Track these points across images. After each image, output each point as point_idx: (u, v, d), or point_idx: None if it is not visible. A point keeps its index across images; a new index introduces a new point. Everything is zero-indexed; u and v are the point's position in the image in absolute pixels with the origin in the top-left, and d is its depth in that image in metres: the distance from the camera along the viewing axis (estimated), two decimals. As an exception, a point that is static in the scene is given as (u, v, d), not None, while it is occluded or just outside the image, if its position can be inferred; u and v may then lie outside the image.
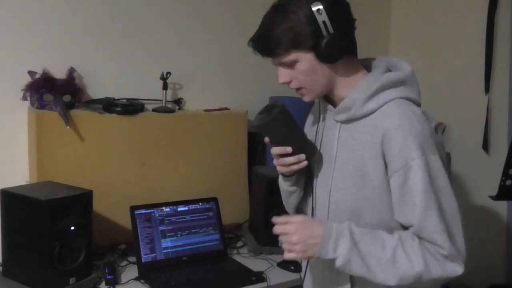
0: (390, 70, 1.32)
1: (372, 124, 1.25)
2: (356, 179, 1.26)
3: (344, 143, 1.31)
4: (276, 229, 1.24)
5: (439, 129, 1.32)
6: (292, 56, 1.24)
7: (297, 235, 1.21)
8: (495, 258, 2.63)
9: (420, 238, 1.21)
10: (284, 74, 1.29)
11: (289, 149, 1.29)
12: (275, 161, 1.35)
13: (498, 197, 2.03)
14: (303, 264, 1.51)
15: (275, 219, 1.25)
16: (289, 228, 1.22)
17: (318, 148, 1.39)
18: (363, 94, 1.25)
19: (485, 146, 2.62)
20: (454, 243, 1.19)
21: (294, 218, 1.24)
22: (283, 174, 1.41)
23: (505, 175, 1.99)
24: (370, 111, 1.25)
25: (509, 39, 2.54)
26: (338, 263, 1.20)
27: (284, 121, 1.29)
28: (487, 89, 2.61)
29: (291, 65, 1.26)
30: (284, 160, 1.32)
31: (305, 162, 1.31)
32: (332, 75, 1.28)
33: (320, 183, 1.37)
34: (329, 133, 1.36)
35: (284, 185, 1.47)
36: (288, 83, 1.30)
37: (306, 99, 1.32)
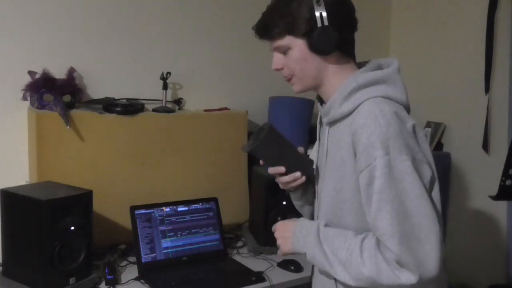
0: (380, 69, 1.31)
1: (348, 124, 1.24)
2: (336, 181, 1.28)
3: (331, 146, 1.32)
4: (272, 228, 1.41)
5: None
6: (286, 40, 1.27)
7: (276, 232, 1.38)
8: (495, 258, 2.63)
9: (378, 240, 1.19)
10: (277, 60, 1.32)
11: (282, 169, 1.34)
12: (276, 179, 1.40)
13: (498, 197, 2.03)
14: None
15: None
16: (276, 226, 1.39)
17: (317, 152, 1.41)
18: (340, 94, 1.26)
19: (485, 146, 2.62)
20: (411, 250, 1.14)
21: (287, 220, 1.40)
22: (288, 190, 1.46)
23: (505, 175, 1.99)
24: (347, 111, 1.25)
25: (509, 39, 2.54)
26: (307, 257, 1.29)
27: (272, 143, 1.32)
28: (487, 89, 2.61)
29: (285, 51, 1.29)
30: (280, 179, 1.37)
31: (302, 179, 1.35)
32: (321, 68, 1.29)
33: (319, 187, 1.39)
34: (322, 136, 1.39)
35: (292, 200, 1.52)
36: (280, 70, 1.33)
37: (296, 88, 1.34)
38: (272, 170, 1.36)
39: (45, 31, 2.14)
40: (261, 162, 1.37)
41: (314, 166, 1.40)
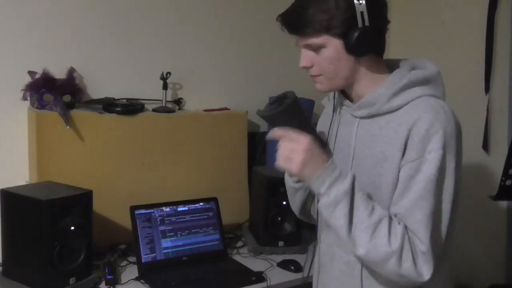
0: (414, 69, 1.29)
1: (397, 120, 1.20)
2: (375, 177, 1.22)
3: (362, 140, 1.27)
4: (282, 132, 1.20)
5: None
6: (321, 39, 1.19)
7: (303, 145, 1.17)
8: (495, 258, 2.63)
9: (405, 226, 1.16)
10: (306, 58, 1.24)
11: (289, 129, 1.23)
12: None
13: (498, 197, 2.03)
14: (315, 269, 1.47)
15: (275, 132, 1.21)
16: (298, 137, 1.18)
17: (333, 145, 1.36)
18: (389, 89, 1.22)
19: (485, 146, 2.62)
20: (433, 248, 1.14)
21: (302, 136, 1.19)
22: None
23: (505, 175, 1.98)
24: (395, 107, 1.22)
25: (509, 39, 2.54)
26: (326, 201, 1.16)
27: (295, 113, 1.24)
28: (487, 89, 2.60)
29: (317, 49, 1.22)
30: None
31: None
32: (355, 69, 1.24)
33: None
34: (344, 130, 1.33)
35: (289, 181, 1.45)
36: (309, 68, 1.25)
37: (322, 88, 1.27)
38: (279, 131, 1.24)
39: (45, 31, 2.14)
40: (269, 136, 1.27)
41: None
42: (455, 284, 2.80)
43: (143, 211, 2.04)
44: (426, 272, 1.13)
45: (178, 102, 2.45)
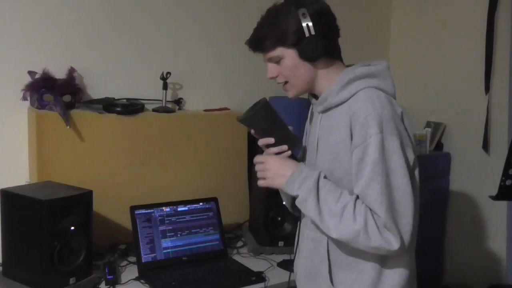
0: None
1: (344, 110, 1.37)
2: (330, 163, 1.40)
3: (323, 132, 1.45)
4: (256, 159, 1.47)
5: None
6: (278, 51, 1.40)
7: (270, 163, 1.44)
8: (495, 258, 2.63)
9: None
10: (271, 69, 1.45)
11: (271, 140, 1.45)
12: (263, 153, 1.50)
13: (498, 197, 2.03)
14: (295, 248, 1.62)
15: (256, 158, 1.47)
16: (266, 158, 1.45)
17: (305, 140, 1.56)
18: (338, 85, 1.40)
19: (485, 146, 2.62)
20: (394, 220, 1.28)
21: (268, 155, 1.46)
22: None
23: (505, 175, 1.99)
24: (344, 99, 1.38)
25: (509, 39, 2.54)
26: (298, 199, 1.37)
27: (266, 115, 1.44)
28: (487, 89, 2.61)
29: (278, 61, 1.42)
30: (268, 150, 1.47)
31: (288, 152, 1.45)
32: (313, 73, 1.42)
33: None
34: (313, 125, 1.52)
35: None
36: (275, 77, 1.46)
37: (290, 94, 1.47)
38: (262, 141, 1.47)
39: (45, 31, 2.14)
40: (252, 131, 1.50)
41: (301, 147, 1.55)
42: (455, 284, 2.81)
43: (143, 211, 2.04)
44: (393, 240, 1.28)
45: (178, 102, 2.45)
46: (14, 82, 2.07)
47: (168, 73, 2.36)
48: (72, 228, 1.75)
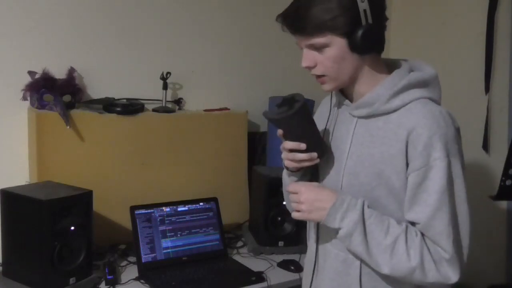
0: (412, 71, 1.30)
1: (395, 122, 1.22)
2: (372, 177, 1.24)
3: (359, 139, 1.28)
4: (290, 187, 1.30)
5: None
6: (325, 38, 1.19)
7: (305, 195, 1.25)
8: (495, 258, 2.63)
9: (424, 236, 1.20)
10: (309, 58, 1.24)
11: (303, 145, 1.27)
12: (284, 155, 1.32)
13: (498, 197, 2.03)
14: (307, 271, 1.48)
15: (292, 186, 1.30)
16: (300, 188, 1.27)
17: (329, 143, 1.37)
18: (389, 90, 1.23)
19: (485, 146, 2.62)
20: (459, 253, 1.20)
21: (308, 183, 1.30)
22: (288, 169, 1.39)
23: (505, 175, 1.98)
24: (394, 108, 1.23)
25: (509, 39, 2.54)
26: (341, 233, 1.22)
27: (304, 117, 1.26)
28: (487, 89, 2.60)
29: (320, 48, 1.21)
30: (296, 155, 1.29)
31: (317, 161, 1.30)
32: (358, 68, 1.25)
33: (330, 179, 1.35)
34: (342, 128, 1.34)
35: (288, 180, 1.45)
36: (312, 68, 1.25)
37: (326, 87, 1.28)
38: (291, 144, 1.28)
39: (45, 31, 2.14)
40: (280, 132, 1.30)
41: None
42: (455, 284, 2.79)
43: (143, 211, 2.04)
44: (453, 275, 1.19)
45: (178, 102, 2.45)
46: (14, 82, 2.07)
47: (168, 73, 2.36)
48: (72, 228, 1.75)
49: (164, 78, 2.34)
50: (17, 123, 2.10)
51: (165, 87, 2.34)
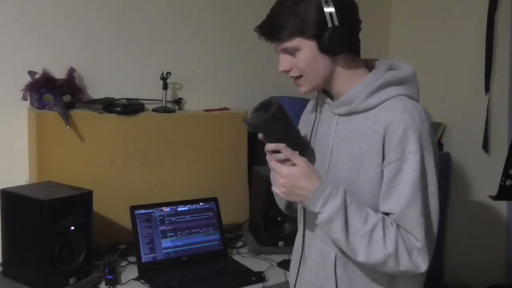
0: (392, 70, 1.35)
1: (373, 118, 1.27)
2: (351, 172, 1.29)
3: (340, 136, 1.33)
4: (273, 165, 1.31)
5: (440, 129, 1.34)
6: (295, 42, 1.26)
7: (284, 179, 1.27)
8: (495, 258, 2.63)
9: (398, 226, 1.24)
10: (285, 62, 1.31)
11: (283, 145, 1.31)
12: (267, 157, 1.36)
13: (498, 197, 2.03)
14: (293, 263, 1.54)
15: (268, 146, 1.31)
16: (281, 171, 1.28)
17: (313, 141, 1.43)
18: (366, 88, 1.28)
19: (485, 146, 2.62)
20: (429, 244, 1.24)
21: (296, 160, 1.27)
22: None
23: (505, 175, 1.99)
24: (372, 105, 1.28)
25: (509, 39, 2.54)
26: (322, 218, 1.24)
27: (280, 119, 1.31)
28: (487, 89, 2.61)
29: (293, 52, 1.28)
30: (277, 156, 1.33)
31: None
32: (332, 68, 1.30)
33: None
34: (325, 126, 1.39)
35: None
36: (288, 71, 1.32)
37: (303, 89, 1.34)
38: (272, 146, 1.32)
39: (45, 31, 2.14)
40: (260, 136, 1.35)
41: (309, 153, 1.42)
42: (455, 284, 2.81)
43: (143, 211, 2.04)
44: (423, 264, 1.23)
45: (178, 102, 2.45)
46: (14, 82, 2.07)
47: (168, 73, 2.36)
48: (72, 228, 1.75)
49: (164, 78, 2.34)
50: (17, 123, 2.10)
51: (165, 87, 2.34)
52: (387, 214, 1.26)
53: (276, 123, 1.31)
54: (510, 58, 2.54)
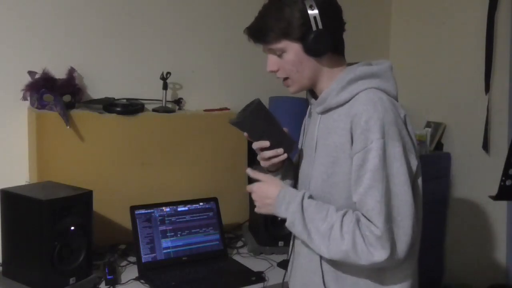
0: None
1: (345, 113, 1.32)
2: (328, 165, 1.34)
3: (321, 133, 1.39)
4: (247, 188, 1.46)
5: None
6: (281, 44, 1.32)
7: (254, 194, 1.43)
8: (495, 258, 2.63)
9: (360, 218, 1.27)
10: (272, 63, 1.38)
11: (266, 143, 1.39)
12: (258, 157, 1.46)
13: (498, 197, 2.03)
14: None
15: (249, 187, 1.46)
16: (251, 188, 1.44)
17: (303, 141, 1.50)
18: (338, 85, 1.34)
19: (485, 146, 2.62)
20: (390, 230, 1.23)
21: (262, 177, 1.44)
22: (268, 170, 1.51)
23: (505, 175, 1.99)
24: (343, 100, 1.32)
25: (509, 39, 2.54)
26: (287, 222, 1.35)
27: (260, 117, 1.38)
28: (487, 89, 2.61)
29: (280, 54, 1.35)
30: (263, 154, 1.43)
31: (284, 155, 1.42)
32: (317, 69, 1.36)
33: (302, 174, 1.47)
34: (311, 126, 1.47)
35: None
36: (275, 72, 1.38)
37: (291, 90, 1.40)
38: (256, 144, 1.41)
39: (45, 31, 2.14)
40: (245, 135, 1.42)
41: (297, 150, 1.49)
42: (455, 284, 2.81)
43: (143, 211, 2.04)
44: (382, 252, 1.23)
45: (178, 102, 2.45)
46: (14, 82, 2.07)
47: (168, 73, 2.36)
48: (72, 228, 1.75)
49: (164, 78, 2.34)
50: (17, 123, 2.10)
51: (165, 87, 2.34)
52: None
53: (256, 120, 1.37)
54: (510, 58, 2.54)
